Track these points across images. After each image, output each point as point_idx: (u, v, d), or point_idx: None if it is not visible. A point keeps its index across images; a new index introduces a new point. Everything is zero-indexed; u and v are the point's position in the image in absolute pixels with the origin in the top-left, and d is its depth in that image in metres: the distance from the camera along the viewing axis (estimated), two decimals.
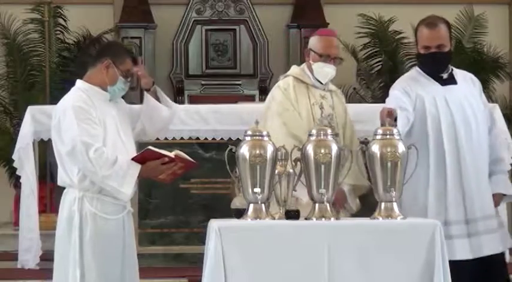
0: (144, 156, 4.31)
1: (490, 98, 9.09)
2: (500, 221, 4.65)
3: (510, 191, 4.64)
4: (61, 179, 4.37)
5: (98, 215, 4.28)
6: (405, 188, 4.52)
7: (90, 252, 4.25)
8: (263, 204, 4.18)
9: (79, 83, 4.46)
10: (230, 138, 6.35)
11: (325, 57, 4.79)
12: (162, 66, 9.84)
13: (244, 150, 4.20)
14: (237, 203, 4.40)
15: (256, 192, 4.16)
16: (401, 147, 4.25)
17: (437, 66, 4.70)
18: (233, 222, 4.22)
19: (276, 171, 4.24)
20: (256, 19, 9.89)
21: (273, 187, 4.22)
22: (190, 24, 9.95)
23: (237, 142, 4.40)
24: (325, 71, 4.78)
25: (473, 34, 9.46)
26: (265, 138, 4.23)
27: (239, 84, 9.90)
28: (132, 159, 4.31)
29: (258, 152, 4.18)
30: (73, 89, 4.46)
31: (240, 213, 4.26)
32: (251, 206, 4.20)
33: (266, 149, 4.19)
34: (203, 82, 9.93)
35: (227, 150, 4.28)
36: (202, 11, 9.97)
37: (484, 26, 9.46)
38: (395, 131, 4.23)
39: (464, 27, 9.45)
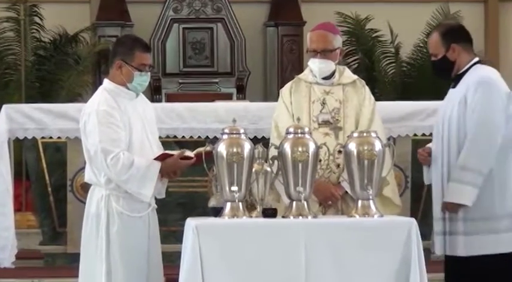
0: (162, 157, 4.37)
1: None
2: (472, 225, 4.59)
3: (454, 199, 4.55)
4: (88, 176, 4.46)
5: (124, 214, 4.36)
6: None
7: (117, 249, 4.34)
8: (240, 203, 4.18)
9: (105, 82, 4.50)
10: (207, 137, 6.34)
11: (312, 52, 4.77)
12: None
13: (221, 149, 4.20)
14: (214, 201, 4.40)
15: (233, 191, 4.16)
16: (378, 145, 4.27)
17: (435, 74, 4.83)
18: (210, 220, 4.21)
19: (253, 170, 4.24)
20: (234, 17, 9.88)
21: (250, 185, 4.23)
22: (168, 22, 9.92)
23: (215, 140, 4.40)
24: (314, 66, 4.76)
25: None
26: (242, 137, 4.23)
27: (216, 83, 9.89)
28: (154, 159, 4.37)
29: (235, 150, 4.18)
30: (100, 89, 4.50)
31: (217, 212, 4.26)
32: (228, 204, 4.20)
33: (243, 147, 4.19)
34: (180, 80, 9.91)
35: (204, 149, 4.27)
36: (180, 10, 9.95)
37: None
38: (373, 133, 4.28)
39: None
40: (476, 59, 4.80)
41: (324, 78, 4.77)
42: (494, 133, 4.56)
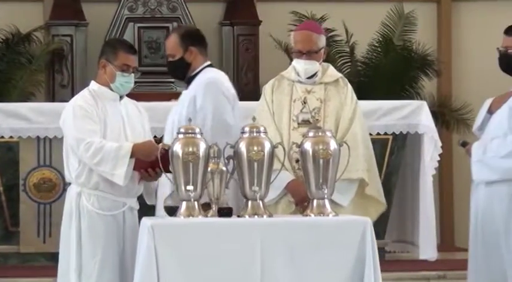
0: None
1: (418, 95, 9.22)
2: None
3: None
4: (66, 175, 4.54)
5: (93, 211, 4.41)
6: None
7: (87, 246, 4.38)
8: (196, 202, 4.18)
9: (91, 83, 4.61)
10: (163, 136, 6.32)
11: (297, 52, 4.79)
12: (93, 65, 9.64)
13: (177, 148, 4.19)
14: (169, 200, 4.39)
15: (189, 190, 4.15)
16: (333, 145, 4.29)
17: (170, 75, 5.11)
18: (166, 220, 4.21)
19: (209, 169, 4.24)
20: (189, 16, 9.86)
21: (206, 184, 4.23)
22: (123, 21, 9.86)
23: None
24: (299, 66, 4.77)
25: (403, 32, 9.57)
26: (198, 136, 4.23)
27: (172, 82, 9.87)
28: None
29: (190, 149, 4.18)
30: (84, 89, 4.60)
31: (173, 211, 4.25)
32: (184, 203, 4.19)
33: (199, 146, 4.19)
34: (136, 80, 9.82)
35: (160, 148, 4.26)
36: (135, 9, 9.90)
37: (414, 24, 9.58)
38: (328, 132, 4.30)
39: (395, 25, 9.57)
40: (208, 62, 5.01)
41: (307, 78, 4.79)
42: (230, 132, 4.70)
